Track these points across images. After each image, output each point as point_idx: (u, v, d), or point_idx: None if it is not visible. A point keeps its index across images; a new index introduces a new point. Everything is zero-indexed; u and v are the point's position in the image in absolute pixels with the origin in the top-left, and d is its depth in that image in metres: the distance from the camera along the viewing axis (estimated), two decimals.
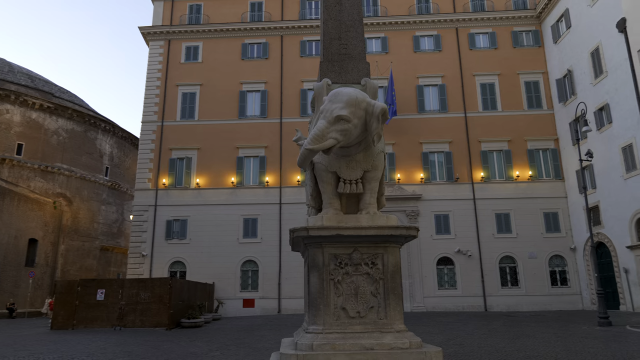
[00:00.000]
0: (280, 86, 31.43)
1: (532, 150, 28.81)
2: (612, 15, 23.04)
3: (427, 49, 31.30)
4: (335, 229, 5.20)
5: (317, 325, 5.08)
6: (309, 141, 5.23)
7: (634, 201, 21.83)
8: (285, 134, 30.48)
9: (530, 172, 28.43)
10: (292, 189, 29.57)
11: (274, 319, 24.10)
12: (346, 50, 6.46)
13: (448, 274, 27.67)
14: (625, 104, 22.24)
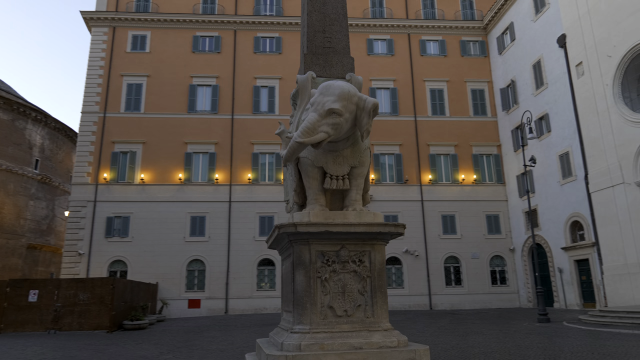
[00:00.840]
0: (233, 82, 30.74)
1: (476, 155, 30.10)
2: (553, 31, 24.54)
3: (380, 52, 31.84)
4: (323, 225, 5.05)
5: (303, 324, 4.90)
6: (300, 134, 5.04)
7: (568, 205, 23.36)
8: (236, 131, 29.85)
9: (474, 176, 29.68)
10: (243, 187, 29.00)
11: (222, 319, 23.48)
12: (330, 43, 6.33)
13: (396, 273, 28.26)
14: (563, 115, 23.75)
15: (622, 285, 19.31)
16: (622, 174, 19.52)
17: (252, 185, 29.10)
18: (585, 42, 21.91)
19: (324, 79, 6.05)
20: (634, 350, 9.88)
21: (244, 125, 30.08)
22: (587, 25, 21.75)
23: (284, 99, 30.56)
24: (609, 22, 20.48)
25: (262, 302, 27.45)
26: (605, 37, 20.63)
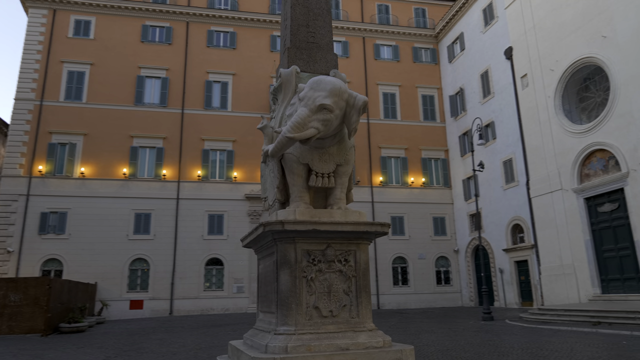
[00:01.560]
0: (184, 75, 29.72)
1: (425, 158, 31.02)
2: (501, 43, 25.78)
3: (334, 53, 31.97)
4: (311, 223, 4.92)
5: (288, 325, 4.74)
6: (290, 129, 4.88)
7: (510, 209, 24.62)
8: (187, 126, 28.88)
9: (423, 179, 30.56)
10: (192, 184, 28.10)
11: (167, 321, 22.61)
12: (314, 39, 6.21)
13: None
14: (508, 123, 25.00)
15: (557, 284, 20.58)
16: (561, 181, 20.82)
17: (202, 183, 28.28)
18: (530, 55, 23.18)
19: (307, 74, 5.92)
20: (578, 346, 10.51)
21: (195, 121, 29.17)
22: (533, 40, 23.03)
23: (237, 95, 29.98)
24: (552, 38, 21.79)
25: (209, 303, 26.73)
26: (548, 52, 21.92)
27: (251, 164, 28.99)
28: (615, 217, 18.37)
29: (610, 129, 18.55)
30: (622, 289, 17.93)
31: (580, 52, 20.18)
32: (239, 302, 27.11)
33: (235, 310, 26.93)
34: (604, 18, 19.07)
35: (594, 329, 13.22)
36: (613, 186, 18.38)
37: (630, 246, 17.63)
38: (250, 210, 28.19)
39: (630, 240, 17.63)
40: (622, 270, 18.02)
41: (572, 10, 20.72)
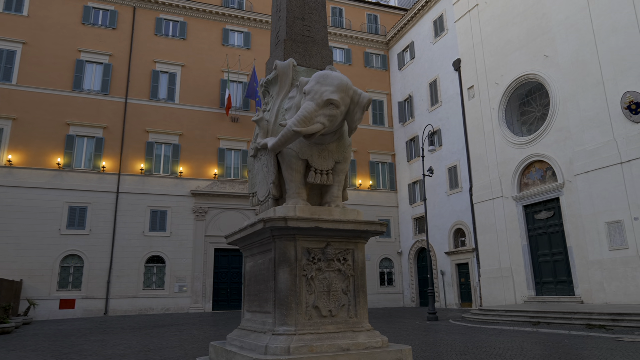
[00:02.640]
0: (129, 63, 28.23)
1: (373, 162, 31.63)
2: (450, 55, 26.87)
3: None
4: (314, 220, 4.79)
5: (288, 326, 4.58)
6: (296, 123, 4.72)
7: (453, 214, 25.69)
8: (130, 116, 27.44)
9: (371, 182, 31.14)
10: (134, 178, 26.73)
11: (103, 321, 21.30)
12: (310, 33, 6.07)
13: None
14: (454, 132, 26.09)
15: (496, 287, 21.74)
16: (502, 188, 22.03)
17: (145, 177, 26.98)
18: (477, 68, 24.36)
19: (304, 68, 5.79)
20: (527, 345, 11.12)
21: (139, 111, 27.79)
22: (480, 54, 24.21)
23: (186, 88, 28.92)
24: (499, 53, 23.04)
25: (148, 303, 25.53)
26: (495, 67, 23.14)
27: (198, 159, 28.09)
28: (551, 225, 19.71)
29: (549, 142, 19.89)
30: (555, 292, 19.27)
31: (524, 69, 21.49)
32: (180, 302, 26.12)
33: (176, 311, 25.93)
34: (547, 39, 20.44)
35: (535, 328, 14.06)
36: (550, 195, 19.71)
37: (563, 252, 18.98)
38: (196, 207, 27.29)
39: (564, 246, 18.98)
40: (555, 274, 19.37)
41: (518, 29, 22.02)
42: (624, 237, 16.46)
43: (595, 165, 17.69)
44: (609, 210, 17.05)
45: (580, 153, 18.43)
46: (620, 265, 16.50)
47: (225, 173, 28.46)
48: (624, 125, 16.87)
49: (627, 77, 16.78)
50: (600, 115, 17.71)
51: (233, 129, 29.13)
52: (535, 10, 21.21)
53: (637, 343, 10.70)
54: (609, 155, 17.26)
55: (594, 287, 17.42)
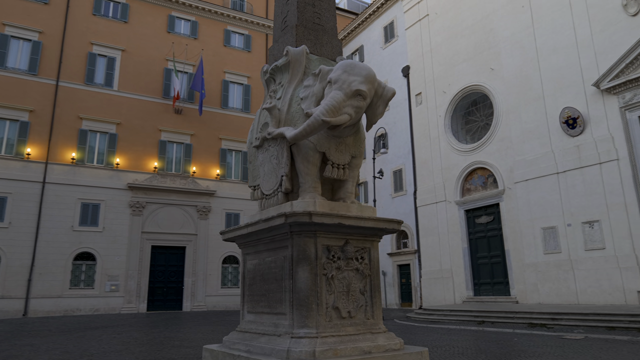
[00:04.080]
0: (62, 42, 25.98)
1: None
2: (399, 60, 27.55)
3: (237, 46, 31.01)
4: (337, 217, 4.55)
5: (309, 328, 4.30)
6: (325, 112, 4.46)
7: (397, 216, 26.27)
8: (61, 100, 25.26)
9: None
10: (63, 167, 24.62)
11: (23, 323, 19.33)
12: (320, 20, 5.82)
13: (232, 272, 27.60)
14: (400, 136, 26.76)
15: (436, 287, 22.55)
16: (445, 193, 22.91)
17: (76, 167, 24.95)
18: (425, 76, 25.17)
19: (316, 57, 5.53)
20: (481, 344, 11.55)
21: (72, 96, 25.65)
22: (429, 62, 25.05)
23: (126, 74, 27.15)
24: (447, 63, 23.96)
25: (75, 303, 23.60)
26: (442, 75, 24.04)
27: (137, 150, 26.46)
28: (490, 229, 20.80)
29: (491, 151, 20.98)
30: (492, 292, 20.34)
31: (470, 80, 22.51)
32: (111, 302, 24.42)
33: (107, 311, 24.21)
34: (493, 53, 21.57)
35: (480, 327, 14.70)
36: (490, 201, 20.79)
37: (501, 254, 20.09)
38: (132, 201, 25.66)
39: (501, 249, 20.09)
40: (492, 275, 20.45)
41: (466, 41, 23.04)
42: (557, 241, 17.73)
43: (534, 174, 18.91)
44: (545, 216, 18.29)
45: (520, 162, 19.60)
46: (553, 267, 17.75)
47: (166, 166, 27.06)
48: (561, 138, 18.19)
49: (566, 94, 18.11)
50: (540, 128, 18.96)
51: (176, 120, 27.80)
52: (483, 24, 22.30)
53: (579, 340, 11.50)
54: (546, 165, 18.52)
55: (528, 287, 18.59)
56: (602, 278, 16.20)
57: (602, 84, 16.86)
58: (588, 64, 17.55)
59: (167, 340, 12.81)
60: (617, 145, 16.40)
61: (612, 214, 16.22)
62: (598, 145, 16.94)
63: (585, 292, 16.62)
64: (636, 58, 15.98)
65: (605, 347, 10.23)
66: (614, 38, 16.84)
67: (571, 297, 17.01)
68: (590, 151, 17.16)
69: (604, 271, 16.20)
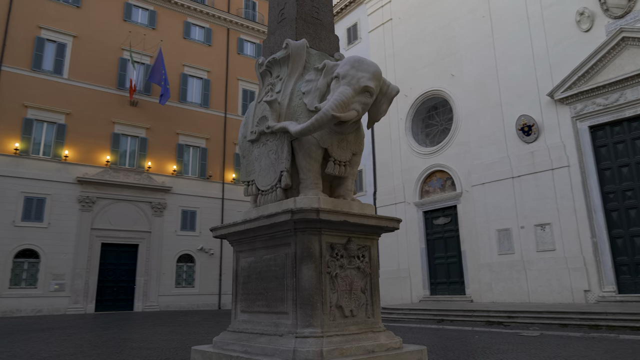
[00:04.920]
0: (6, 25, 24.21)
1: None
2: None
3: (197, 39, 30.18)
4: (342, 214, 4.48)
5: (314, 327, 4.21)
6: (335, 107, 4.38)
7: None
8: (5, 86, 23.61)
9: None
10: (5, 158, 23.00)
11: None
12: (318, 15, 5.74)
13: (187, 271, 26.81)
14: None
15: (393, 286, 22.96)
16: (404, 194, 23.39)
17: (20, 158, 23.35)
18: (387, 79, 25.50)
19: (316, 51, 5.43)
20: (447, 342, 11.85)
21: (17, 82, 23.98)
22: (391, 66, 25.48)
23: (77, 61, 25.71)
24: (409, 67, 24.47)
25: (15, 303, 22.07)
26: (404, 79, 24.51)
27: (88, 143, 25.13)
28: (448, 230, 21.44)
29: (450, 154, 21.64)
30: (448, 291, 20.97)
31: (431, 85, 23.11)
32: (56, 302, 23.03)
33: (50, 312, 22.81)
34: (454, 59, 22.26)
35: (440, 325, 15.10)
36: (448, 203, 21.43)
37: (457, 255, 20.76)
38: (82, 196, 24.33)
39: (458, 249, 20.76)
40: (448, 275, 21.09)
41: (428, 47, 23.64)
42: (511, 243, 18.54)
43: (490, 178, 19.68)
44: (500, 218, 19.09)
45: (477, 166, 20.34)
46: (506, 268, 18.55)
47: (119, 160, 25.87)
48: (517, 144, 19.05)
49: (522, 102, 18.98)
50: (497, 134, 19.77)
51: (131, 112, 26.65)
52: (445, 32, 22.96)
53: (536, 337, 12.06)
54: (502, 169, 19.33)
55: (483, 287, 19.32)
56: (552, 278, 17.10)
57: (556, 94, 17.81)
58: (543, 75, 18.49)
59: (124, 342, 12.22)
60: (568, 153, 17.38)
61: (562, 217, 17.16)
62: (551, 152, 17.88)
63: (536, 292, 17.48)
64: (587, 72, 17.01)
65: (562, 344, 10.78)
66: (567, 51, 17.84)
67: (523, 296, 17.84)
68: (543, 157, 18.08)
69: (553, 271, 17.11)
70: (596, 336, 11.75)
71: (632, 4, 16.26)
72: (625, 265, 15.82)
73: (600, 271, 16.09)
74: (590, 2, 17.45)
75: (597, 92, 16.80)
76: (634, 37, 15.90)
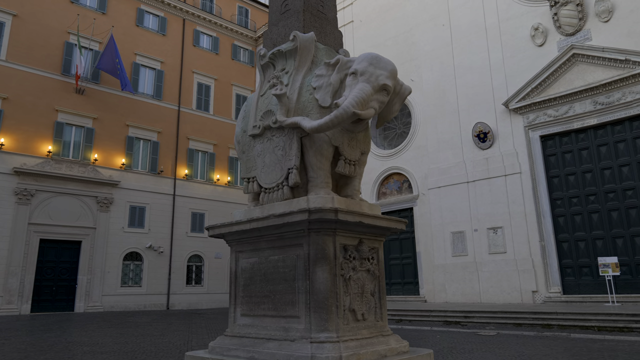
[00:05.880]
0: None
1: (233, 157, 30.67)
2: None
3: (151, 27, 28.86)
4: (358, 214, 4.35)
5: (329, 332, 4.05)
6: (355, 104, 4.24)
7: None
8: None
9: (228, 178, 30.10)
10: None
11: None
12: (323, 9, 5.58)
13: (134, 270, 25.54)
14: None
15: None
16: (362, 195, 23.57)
17: None
18: None
19: (323, 46, 5.26)
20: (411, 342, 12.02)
21: None
22: None
23: (17, 43, 23.77)
24: None
25: None
26: None
27: (27, 131, 23.29)
28: (403, 231, 21.83)
29: (408, 157, 22.10)
30: (402, 292, 21.39)
31: None
32: None
33: None
34: (414, 65, 22.77)
35: (399, 325, 15.35)
36: (404, 205, 21.88)
37: (412, 256, 21.24)
38: (19, 188, 22.50)
39: (413, 251, 21.24)
40: (403, 276, 21.52)
41: (389, 51, 23.99)
42: (465, 245, 19.22)
43: (446, 182, 20.30)
44: (455, 221, 19.73)
45: (434, 170, 20.91)
46: (460, 269, 19.20)
47: (62, 151, 24.19)
48: (472, 150, 19.77)
49: (479, 110, 19.73)
50: (454, 139, 20.42)
51: (77, 100, 25.01)
52: (405, 37, 23.42)
53: (493, 336, 12.53)
54: (458, 174, 19.99)
55: (436, 287, 19.88)
56: (503, 279, 17.90)
57: (511, 104, 18.67)
58: (499, 85, 19.32)
59: (73, 345, 11.42)
60: (521, 160, 18.27)
61: (513, 221, 18.01)
62: (504, 159, 18.72)
63: (488, 292, 18.23)
64: (540, 84, 17.97)
65: (521, 342, 11.26)
66: (522, 64, 18.76)
67: (475, 297, 18.54)
68: (497, 164, 18.89)
69: (504, 273, 17.92)
70: (549, 335, 12.39)
71: (582, 23, 17.37)
72: (570, 268, 16.86)
73: (547, 273, 17.04)
74: (544, 19, 18.45)
75: (549, 104, 17.78)
76: (583, 54, 16.98)
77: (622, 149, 16.33)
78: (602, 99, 16.50)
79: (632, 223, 15.77)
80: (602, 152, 16.77)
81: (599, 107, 16.58)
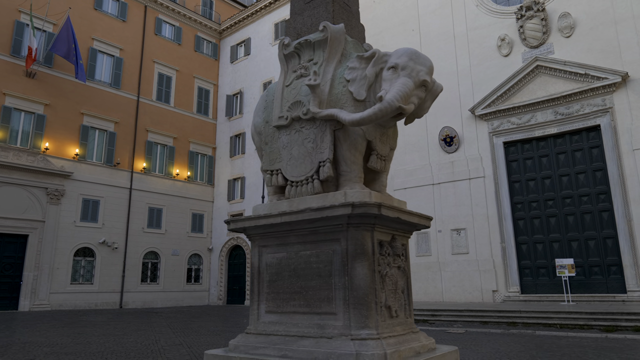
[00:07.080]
0: None
1: (193, 152, 29.79)
2: None
3: (110, 12, 27.47)
4: (397, 210, 4.31)
5: (370, 329, 3.99)
6: (400, 98, 4.20)
7: None
8: None
9: (188, 173, 29.20)
10: None
11: None
12: (348, 1, 5.50)
13: (86, 266, 24.19)
14: None
15: None
16: None
17: None
18: None
19: (350, 39, 5.19)
20: None
21: None
22: None
23: None
24: None
25: None
26: None
27: None
28: None
29: None
30: None
31: None
32: None
33: None
34: None
35: None
36: None
37: None
38: None
39: None
40: None
41: None
42: (429, 245, 19.71)
43: (412, 184, 20.73)
44: None
45: (400, 171, 21.29)
46: (423, 269, 19.66)
47: (9, 138, 22.51)
48: (438, 153, 20.32)
49: (446, 115, 20.30)
50: (421, 142, 20.89)
51: (27, 85, 23.36)
52: (375, 40, 23.66)
53: (463, 334, 12.91)
54: (424, 176, 20.47)
55: None
56: (465, 279, 18.51)
57: (477, 110, 19.35)
58: (466, 91, 19.98)
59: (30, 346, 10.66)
60: (484, 165, 18.98)
61: (476, 223, 18.68)
62: (469, 163, 19.37)
63: (450, 291, 18.79)
64: (505, 93, 18.75)
65: (491, 339, 11.67)
66: (488, 72, 19.49)
67: (437, 296, 19.06)
68: (462, 167, 19.51)
69: (466, 273, 18.54)
70: (515, 332, 12.93)
71: (546, 36, 18.31)
72: (528, 269, 17.71)
73: (507, 273, 17.81)
74: (510, 30, 19.27)
75: (512, 112, 18.59)
76: (546, 67, 17.90)
77: (579, 158, 17.37)
78: (562, 109, 17.46)
79: (586, 227, 16.81)
80: (561, 159, 17.75)
81: (559, 117, 17.53)
